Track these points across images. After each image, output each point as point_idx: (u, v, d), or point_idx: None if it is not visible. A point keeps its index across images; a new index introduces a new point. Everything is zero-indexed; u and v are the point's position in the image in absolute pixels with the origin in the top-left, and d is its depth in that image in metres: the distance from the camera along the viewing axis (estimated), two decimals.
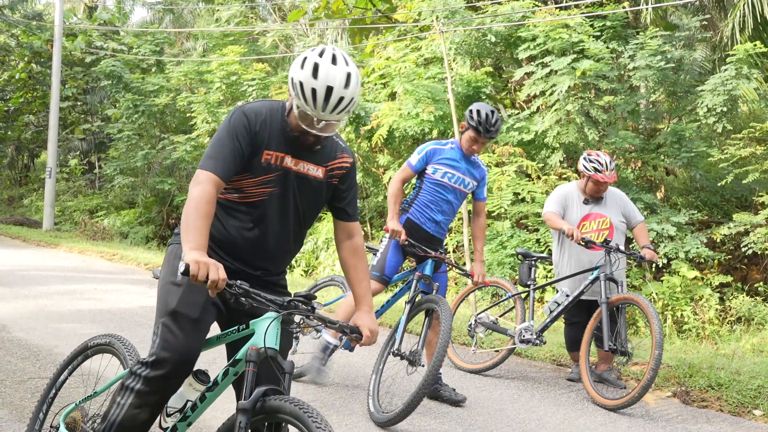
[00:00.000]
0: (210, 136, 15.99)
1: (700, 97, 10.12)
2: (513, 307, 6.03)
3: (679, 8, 13.73)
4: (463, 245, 9.41)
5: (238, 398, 2.60)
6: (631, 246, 7.94)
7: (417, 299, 4.69)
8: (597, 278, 5.27)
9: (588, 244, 5.25)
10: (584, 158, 5.51)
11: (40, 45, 22.10)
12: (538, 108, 11.50)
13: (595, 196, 5.54)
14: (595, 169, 5.38)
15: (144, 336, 6.37)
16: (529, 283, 5.77)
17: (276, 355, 2.40)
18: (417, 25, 13.31)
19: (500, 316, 6.22)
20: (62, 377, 3.23)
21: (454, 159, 4.84)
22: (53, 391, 3.23)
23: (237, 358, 2.51)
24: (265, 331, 2.40)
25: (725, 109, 9.85)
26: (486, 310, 6.16)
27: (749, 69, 9.86)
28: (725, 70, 10.00)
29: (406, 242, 4.67)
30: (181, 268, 2.27)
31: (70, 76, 22.14)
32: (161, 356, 2.48)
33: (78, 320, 7.02)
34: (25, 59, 22.61)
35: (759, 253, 9.24)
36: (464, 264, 8.37)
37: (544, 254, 5.94)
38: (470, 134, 4.80)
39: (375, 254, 4.90)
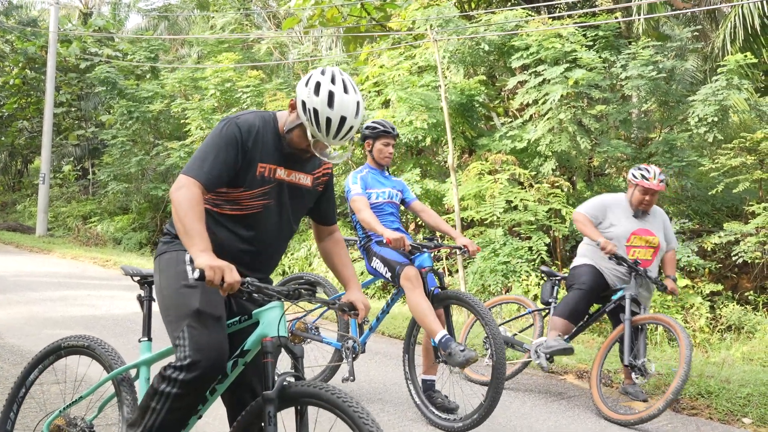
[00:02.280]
0: None
1: (692, 107, 10.21)
2: (532, 324, 6.02)
3: (671, 19, 13.84)
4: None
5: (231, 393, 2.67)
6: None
7: (435, 294, 4.66)
8: (622, 297, 5.23)
9: (620, 260, 5.21)
10: (635, 168, 5.47)
11: (34, 51, 22.10)
12: (530, 116, 11.57)
13: (640, 207, 5.41)
14: (643, 176, 5.32)
15: (136, 343, 6.37)
16: (550, 300, 5.73)
17: (287, 341, 2.47)
18: (411, 34, 13.37)
19: (519, 332, 6.21)
20: (32, 376, 3.20)
21: (378, 180, 4.98)
22: (23, 390, 3.20)
23: (246, 348, 2.55)
24: (275, 320, 2.47)
25: (716, 119, 9.95)
26: (504, 323, 6.12)
27: (740, 79, 9.97)
28: (716, 80, 10.10)
29: (410, 246, 4.66)
30: (196, 275, 2.29)
31: (64, 82, 22.14)
32: (195, 358, 2.45)
33: (71, 326, 7.01)
34: (20, 65, 22.60)
35: (749, 262, 9.31)
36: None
37: (567, 274, 5.90)
38: (382, 141, 4.93)
39: (375, 272, 4.89)
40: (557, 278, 5.80)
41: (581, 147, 10.61)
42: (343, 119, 2.54)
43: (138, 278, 3.07)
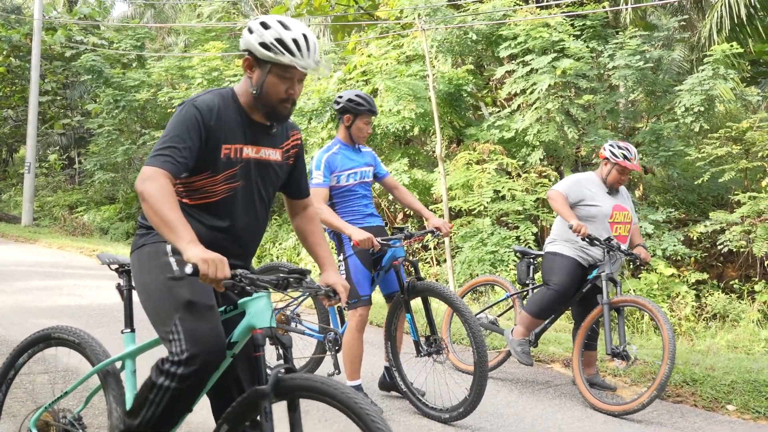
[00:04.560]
0: None
1: (678, 97, 10.26)
2: (512, 307, 5.93)
3: (658, 8, 13.87)
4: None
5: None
6: None
7: (411, 286, 4.58)
8: (597, 277, 5.14)
9: (592, 241, 5.09)
10: (612, 145, 5.33)
11: (18, 39, 21.86)
12: (518, 106, 11.58)
13: (616, 186, 5.35)
14: (625, 156, 5.22)
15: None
16: (527, 282, 5.66)
17: (276, 332, 2.38)
18: (399, 23, 13.34)
19: (499, 316, 6.19)
20: (20, 360, 3.13)
21: (349, 157, 4.68)
22: (11, 372, 3.15)
23: (234, 340, 2.46)
24: (263, 311, 2.37)
25: (702, 108, 10.00)
26: (484, 310, 6.01)
27: (726, 69, 10.02)
28: (703, 70, 10.15)
29: (380, 246, 4.42)
30: (188, 270, 2.14)
31: (49, 70, 21.95)
32: (193, 351, 2.35)
33: (57, 316, 6.98)
34: (4, 53, 22.35)
35: (734, 250, 9.39)
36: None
37: (542, 252, 5.75)
38: (364, 120, 4.65)
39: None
40: (532, 256, 5.73)
41: (569, 137, 10.64)
42: (305, 35, 2.46)
43: (116, 267, 2.96)
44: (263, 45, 2.45)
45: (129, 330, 2.91)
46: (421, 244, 11.62)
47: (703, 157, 9.96)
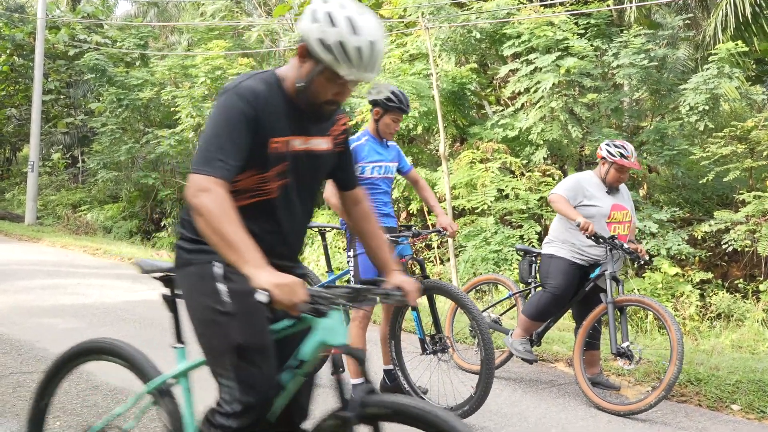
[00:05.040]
0: (194, 130, 15.91)
1: (683, 96, 10.23)
2: (514, 305, 5.91)
3: (663, 7, 13.83)
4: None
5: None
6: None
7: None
8: (600, 276, 5.11)
9: (597, 239, 5.05)
10: (608, 144, 5.30)
11: (22, 38, 21.87)
12: (522, 105, 11.56)
13: (615, 184, 5.32)
14: (621, 155, 5.19)
15: (127, 331, 6.36)
16: (530, 280, 5.63)
17: (350, 348, 2.15)
18: (402, 21, 13.32)
19: (501, 315, 6.17)
20: (62, 374, 2.78)
21: (376, 150, 4.65)
22: (53, 387, 2.81)
23: (303, 359, 2.20)
24: (337, 326, 2.13)
25: (707, 107, 9.97)
26: (487, 309, 6.00)
27: (731, 68, 9.98)
28: (707, 68, 10.12)
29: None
30: (263, 299, 1.89)
31: (53, 69, 21.95)
32: (248, 402, 2.14)
33: (60, 315, 6.98)
34: (7, 52, 22.37)
35: (739, 250, 9.36)
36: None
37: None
38: (393, 116, 4.59)
39: (348, 271, 4.71)
40: (533, 255, 5.70)
41: (572, 135, 10.61)
42: (372, 44, 2.10)
43: (159, 275, 2.60)
44: (323, 44, 2.11)
45: (180, 345, 2.62)
46: (424, 243, 11.61)
47: (707, 156, 9.93)
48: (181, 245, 2.32)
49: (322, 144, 2.37)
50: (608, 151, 5.26)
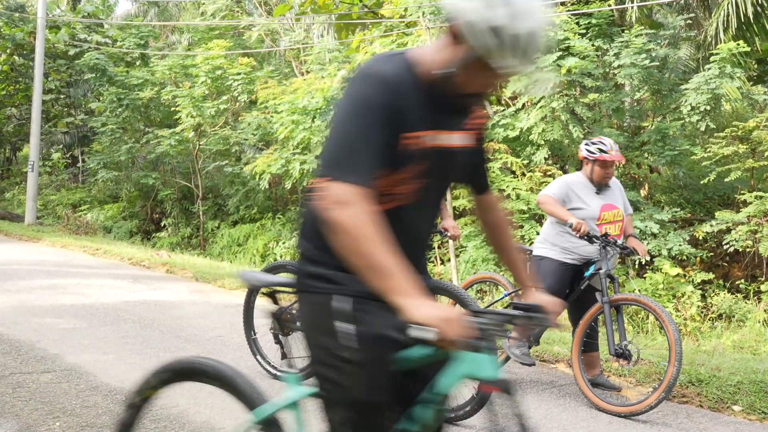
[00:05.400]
0: (195, 130, 15.88)
1: (684, 96, 10.21)
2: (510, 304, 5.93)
3: (664, 7, 13.81)
4: None
5: None
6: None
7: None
8: (594, 275, 5.08)
9: (591, 239, 5.02)
10: (586, 144, 5.26)
11: (22, 37, 21.88)
12: (523, 105, 11.54)
13: (603, 182, 5.26)
14: (601, 150, 5.14)
15: (127, 332, 6.35)
16: None
17: (508, 385, 1.85)
18: (403, 21, 13.30)
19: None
20: (149, 395, 2.31)
21: None
22: (140, 411, 2.34)
23: (440, 392, 1.91)
24: (487, 358, 1.85)
25: (708, 107, 9.95)
26: (488, 308, 5.96)
27: (732, 68, 9.97)
28: (709, 68, 10.10)
29: None
30: (429, 336, 1.63)
31: (53, 68, 21.95)
32: None
33: (60, 315, 6.97)
34: (8, 51, 22.38)
35: (740, 250, 9.34)
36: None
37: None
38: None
39: None
40: (528, 252, 5.68)
41: (574, 135, 10.59)
42: (532, 34, 1.74)
43: (267, 291, 2.30)
44: (493, 30, 1.73)
45: (291, 370, 2.26)
46: None
47: (709, 157, 9.92)
48: (303, 266, 1.96)
49: (458, 139, 2.00)
50: (587, 150, 5.23)
